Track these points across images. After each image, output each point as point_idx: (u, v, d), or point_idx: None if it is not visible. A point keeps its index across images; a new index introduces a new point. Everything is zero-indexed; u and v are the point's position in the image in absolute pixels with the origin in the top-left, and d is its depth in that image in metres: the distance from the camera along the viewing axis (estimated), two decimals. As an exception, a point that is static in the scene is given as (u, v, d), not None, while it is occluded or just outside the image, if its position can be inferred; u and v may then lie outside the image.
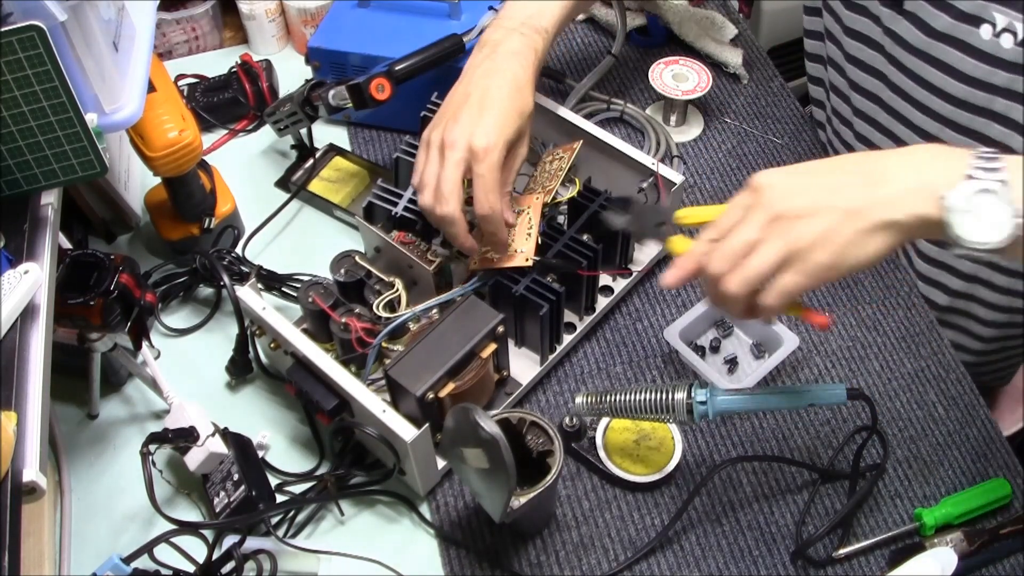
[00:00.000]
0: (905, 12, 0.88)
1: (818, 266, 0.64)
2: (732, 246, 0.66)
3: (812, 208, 0.64)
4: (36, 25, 0.67)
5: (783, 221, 0.65)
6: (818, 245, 0.63)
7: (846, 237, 0.63)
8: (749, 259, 0.65)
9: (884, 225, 0.63)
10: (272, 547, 0.80)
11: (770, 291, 0.66)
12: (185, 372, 0.95)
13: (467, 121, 0.81)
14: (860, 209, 0.63)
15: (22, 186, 0.75)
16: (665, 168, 0.94)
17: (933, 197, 0.61)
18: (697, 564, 0.83)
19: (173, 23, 1.24)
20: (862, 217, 0.63)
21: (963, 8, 0.84)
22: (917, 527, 0.83)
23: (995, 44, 0.83)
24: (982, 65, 0.85)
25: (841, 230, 0.63)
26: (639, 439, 0.87)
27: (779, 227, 0.65)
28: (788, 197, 0.66)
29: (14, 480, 0.62)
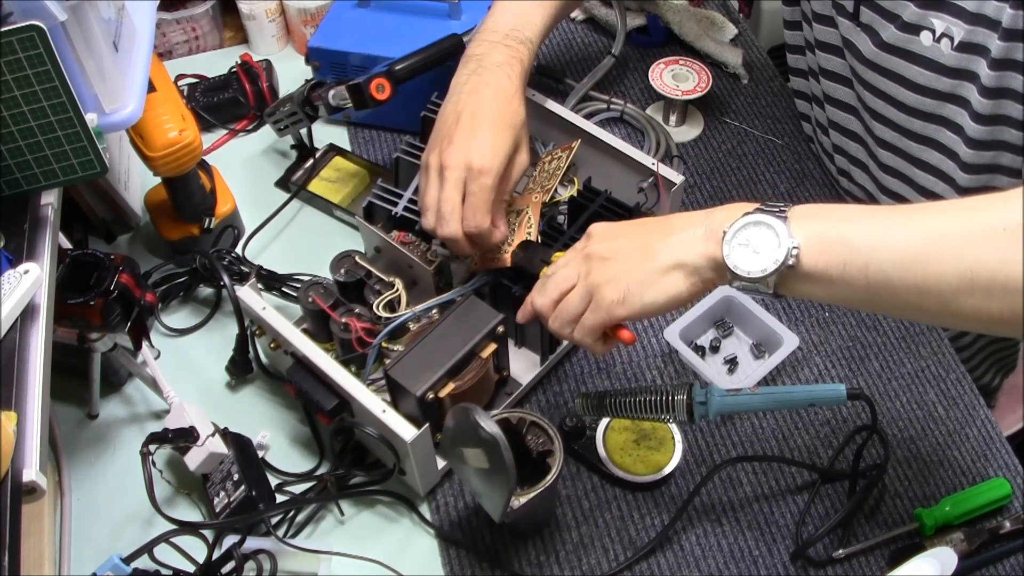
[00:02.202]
0: (861, 24, 0.89)
1: (610, 302, 0.70)
2: (551, 284, 0.75)
3: (614, 251, 0.71)
4: (36, 25, 0.67)
5: (591, 262, 0.72)
6: (610, 283, 0.70)
7: (638, 277, 0.69)
8: (565, 299, 0.74)
9: (673, 266, 0.68)
10: (272, 547, 0.80)
11: (577, 328, 0.73)
12: (185, 372, 0.95)
13: (462, 142, 0.82)
14: (653, 252, 0.69)
15: (22, 186, 0.75)
16: (665, 168, 0.94)
17: (716, 237, 0.66)
18: (697, 564, 0.83)
19: (173, 23, 1.24)
20: (653, 258, 0.68)
21: (906, 18, 0.84)
22: (917, 527, 0.83)
23: (936, 50, 0.84)
24: (926, 72, 0.86)
25: (633, 270, 0.69)
26: (639, 439, 0.87)
27: (586, 267, 0.72)
28: (601, 241, 0.73)
29: (14, 480, 0.62)
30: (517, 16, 0.91)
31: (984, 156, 0.88)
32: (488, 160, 0.81)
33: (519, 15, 0.91)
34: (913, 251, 0.58)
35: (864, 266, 0.60)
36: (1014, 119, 0.83)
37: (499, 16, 0.91)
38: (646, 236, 0.71)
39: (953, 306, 0.58)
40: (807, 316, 0.99)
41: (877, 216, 0.61)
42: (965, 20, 0.80)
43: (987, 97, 0.83)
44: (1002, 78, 0.81)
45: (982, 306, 0.56)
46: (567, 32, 1.29)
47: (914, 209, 0.61)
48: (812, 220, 0.63)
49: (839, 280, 0.61)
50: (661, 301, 0.68)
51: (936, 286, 0.57)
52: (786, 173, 1.12)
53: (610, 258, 0.71)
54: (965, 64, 0.83)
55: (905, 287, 0.59)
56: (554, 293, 0.74)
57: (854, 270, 0.60)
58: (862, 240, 0.60)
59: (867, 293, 0.61)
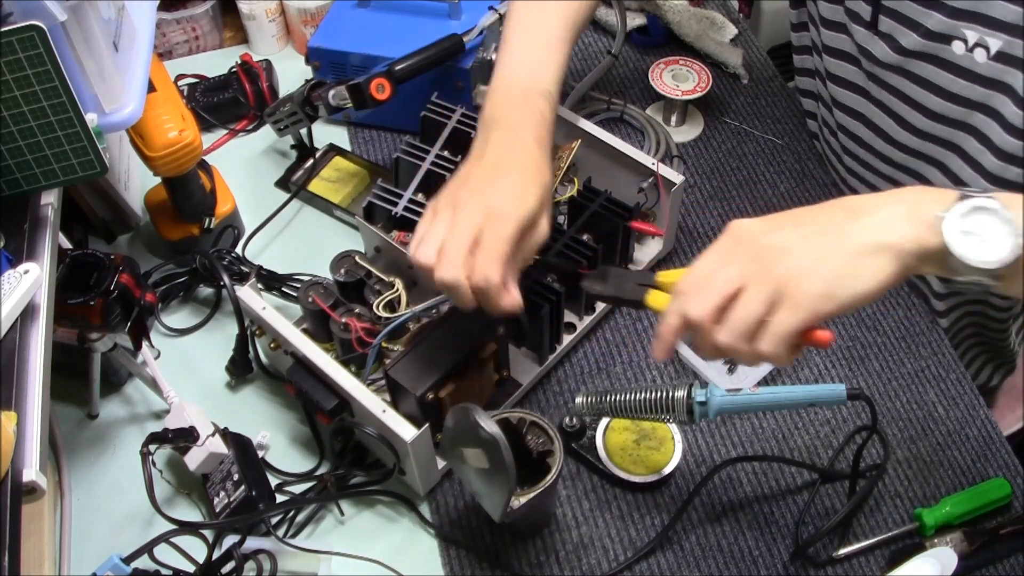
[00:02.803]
0: (880, 32, 0.88)
1: (811, 297, 0.60)
2: (712, 290, 0.63)
3: (792, 240, 0.62)
4: (36, 25, 0.67)
5: (765, 258, 0.62)
6: (807, 274, 0.60)
7: (838, 264, 0.60)
8: (734, 305, 0.62)
9: (875, 248, 0.60)
10: (272, 547, 0.80)
11: (764, 336, 0.61)
12: (185, 372, 0.95)
13: (484, 183, 0.74)
14: (847, 235, 0.61)
15: (22, 186, 0.75)
16: (665, 168, 0.94)
17: (925, 222, 0.59)
18: (697, 564, 0.83)
19: (173, 23, 1.24)
20: (849, 241, 0.60)
21: (931, 27, 0.83)
22: (917, 527, 0.83)
23: (969, 59, 0.82)
24: (958, 80, 0.84)
25: (829, 257, 0.60)
26: (639, 439, 0.87)
27: (762, 265, 0.62)
28: (768, 235, 0.63)
29: (14, 480, 0.62)
30: (532, 67, 0.83)
31: (1011, 171, 0.86)
32: (512, 207, 0.72)
33: (536, 64, 0.83)
34: None
35: None
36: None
37: (511, 68, 0.84)
38: (826, 221, 0.62)
39: None
40: (807, 316, 0.98)
41: None
42: (1005, 31, 0.78)
43: (1021, 108, 0.80)
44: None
45: None
46: (567, 32, 1.29)
47: None
48: None
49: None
50: (872, 289, 0.60)
51: None
52: (786, 173, 1.12)
53: (791, 248, 0.61)
54: (1000, 75, 0.80)
55: None
56: (718, 299, 0.62)
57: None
58: None
59: None
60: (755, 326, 0.61)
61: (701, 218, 1.08)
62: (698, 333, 0.64)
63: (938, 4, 0.81)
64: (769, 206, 1.08)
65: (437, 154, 0.95)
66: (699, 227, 1.07)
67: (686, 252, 1.04)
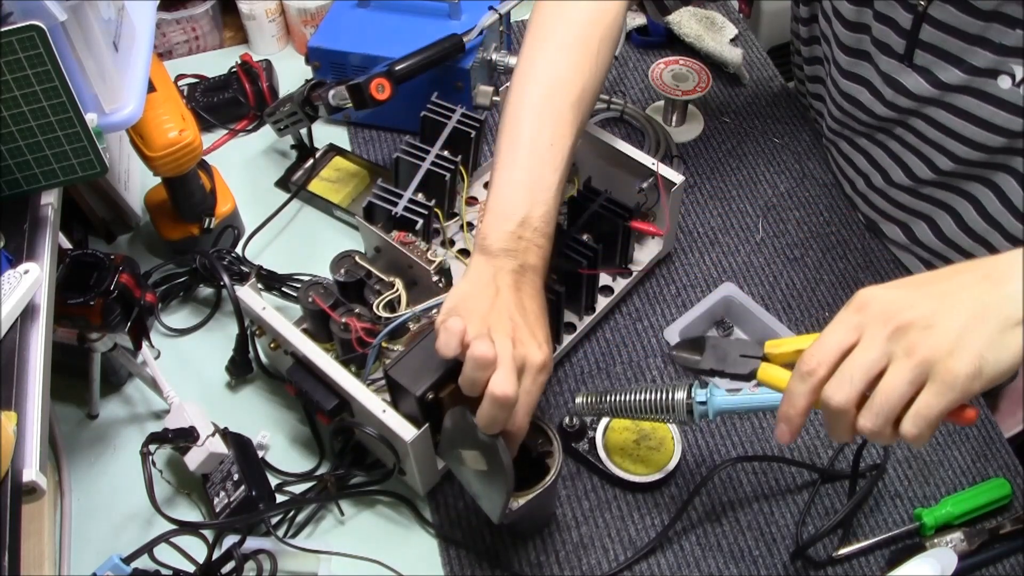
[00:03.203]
0: (914, 65, 0.87)
1: (961, 377, 0.56)
2: (854, 372, 0.59)
3: (938, 315, 0.58)
4: (36, 25, 0.67)
5: (908, 333, 0.58)
6: (955, 353, 0.56)
7: (985, 339, 0.56)
8: (879, 387, 0.58)
9: (1020, 322, 0.57)
10: (272, 547, 0.80)
11: (910, 418, 0.57)
12: (185, 372, 0.95)
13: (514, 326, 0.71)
14: (992, 307, 0.57)
15: (22, 186, 0.75)
16: (665, 168, 0.94)
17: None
18: (697, 564, 0.83)
19: (173, 23, 1.24)
20: (997, 315, 0.57)
21: (975, 63, 0.82)
22: (917, 527, 0.83)
23: (1015, 93, 0.80)
24: (1001, 112, 0.83)
25: (976, 333, 0.56)
26: (639, 439, 0.87)
27: (905, 341, 0.58)
28: (907, 308, 0.59)
29: (14, 480, 0.62)
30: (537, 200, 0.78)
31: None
32: (548, 358, 0.72)
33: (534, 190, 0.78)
34: None
35: None
36: None
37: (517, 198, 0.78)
38: (965, 290, 0.59)
39: None
40: (807, 316, 0.99)
41: None
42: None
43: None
44: None
45: None
46: (567, 32, 1.29)
47: None
48: None
49: None
50: (1016, 363, 0.57)
51: None
52: (786, 173, 1.12)
53: (935, 325, 0.57)
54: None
55: None
56: (860, 385, 0.59)
57: None
58: None
59: None
60: (901, 409, 0.58)
61: (701, 218, 1.08)
62: (838, 418, 0.60)
63: (986, 41, 0.80)
64: (769, 206, 1.08)
65: (437, 154, 0.95)
66: (699, 227, 1.07)
67: (686, 252, 1.04)
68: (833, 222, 1.07)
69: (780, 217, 1.08)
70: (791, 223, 1.07)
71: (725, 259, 1.04)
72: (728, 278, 1.01)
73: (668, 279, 1.02)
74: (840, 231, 1.06)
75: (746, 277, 1.02)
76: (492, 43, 1.13)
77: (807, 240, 1.05)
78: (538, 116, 0.81)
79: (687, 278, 1.02)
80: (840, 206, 1.09)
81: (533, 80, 0.83)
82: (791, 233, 1.06)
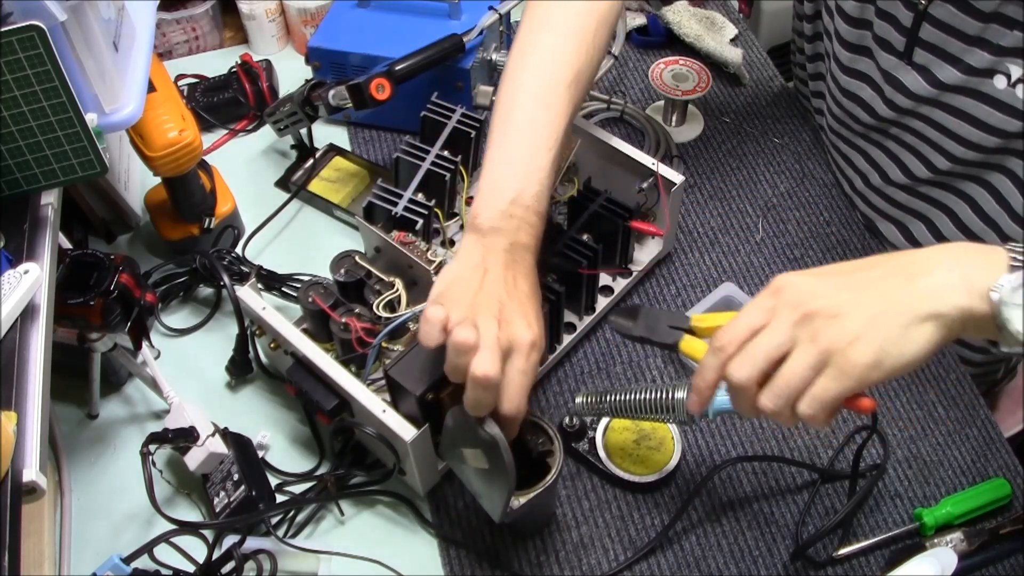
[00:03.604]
0: (914, 63, 0.87)
1: (859, 367, 0.58)
2: (758, 352, 0.61)
3: (847, 305, 0.60)
4: (36, 25, 0.67)
5: (814, 321, 0.60)
6: (857, 343, 0.59)
7: (886, 332, 0.58)
8: (780, 369, 0.61)
9: (927, 317, 0.58)
10: (272, 547, 0.80)
11: (806, 399, 0.60)
12: (185, 372, 0.95)
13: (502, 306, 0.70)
14: (900, 301, 0.59)
15: (22, 186, 0.75)
16: (665, 168, 0.94)
17: (977, 290, 0.57)
18: (697, 564, 0.83)
19: (173, 23, 1.24)
20: (904, 310, 0.58)
21: (973, 63, 0.82)
22: (917, 527, 0.83)
23: (1010, 94, 0.81)
24: (997, 113, 0.83)
25: (880, 326, 0.59)
26: (639, 439, 0.87)
27: (810, 328, 0.60)
28: (818, 296, 0.61)
29: (14, 480, 0.62)
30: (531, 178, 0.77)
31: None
32: (538, 336, 0.70)
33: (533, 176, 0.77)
34: None
35: None
36: None
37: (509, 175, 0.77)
38: (878, 284, 0.61)
39: None
40: (807, 316, 0.98)
41: None
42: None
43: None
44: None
45: None
46: (567, 32, 1.29)
47: None
48: None
49: None
50: (919, 357, 0.58)
51: None
52: (786, 173, 1.12)
53: (841, 314, 0.60)
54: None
55: None
56: (763, 364, 0.61)
57: None
58: None
59: None
60: (800, 391, 0.60)
61: (701, 218, 1.08)
62: (740, 394, 0.63)
63: (984, 42, 0.81)
64: (769, 206, 1.08)
65: (437, 154, 0.95)
66: (699, 227, 1.07)
67: (686, 252, 1.04)
68: (833, 222, 1.07)
69: (780, 217, 1.08)
70: (791, 223, 1.07)
71: (725, 259, 1.04)
72: (728, 278, 1.01)
73: (668, 279, 1.02)
74: (840, 231, 1.06)
75: (746, 277, 1.02)
76: (492, 43, 1.13)
77: (807, 240, 1.05)
78: (533, 97, 0.81)
79: (687, 278, 1.02)
80: (840, 206, 1.09)
81: (529, 61, 0.83)
82: (791, 233, 1.06)
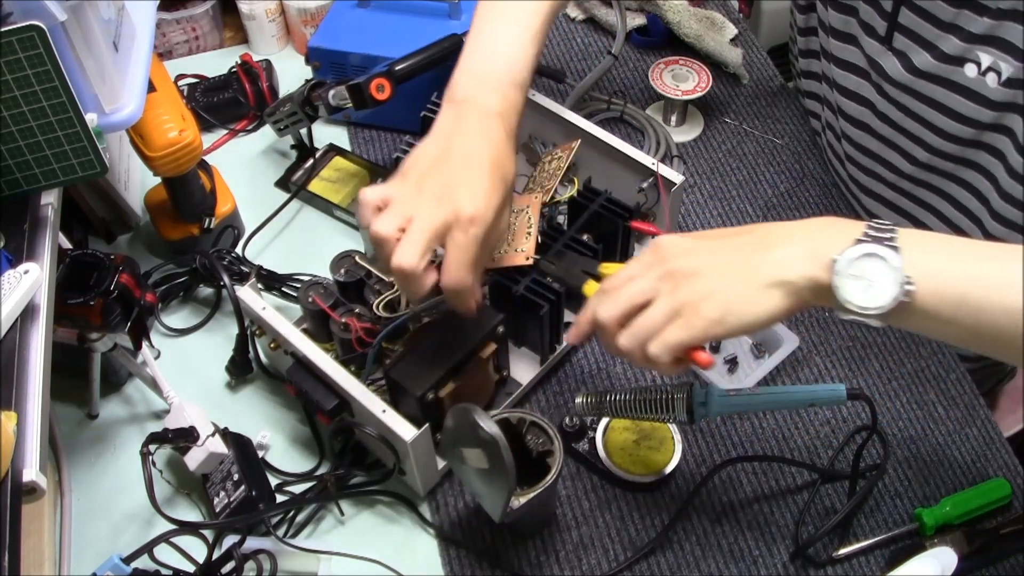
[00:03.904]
0: (894, 49, 0.88)
1: (704, 320, 0.65)
2: (622, 296, 0.69)
3: (705, 266, 0.66)
4: (36, 25, 0.67)
5: (675, 278, 0.67)
6: (706, 300, 0.65)
7: (735, 294, 0.65)
8: (640, 315, 0.68)
9: (775, 284, 0.64)
10: (272, 547, 0.80)
11: (655, 342, 0.67)
12: (185, 372, 0.95)
13: (452, 179, 0.73)
14: (753, 267, 0.65)
15: (22, 186, 0.75)
16: (665, 168, 0.94)
17: (823, 261, 0.62)
18: (697, 564, 0.83)
19: (173, 23, 1.24)
20: (752, 275, 0.64)
21: (946, 49, 0.83)
22: (917, 527, 0.83)
23: (980, 83, 0.82)
24: (968, 103, 0.84)
25: (731, 287, 0.65)
26: (639, 439, 0.87)
27: (672, 282, 0.67)
28: (683, 256, 0.68)
29: (14, 480, 0.62)
30: (509, 54, 0.82)
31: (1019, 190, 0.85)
32: (482, 209, 0.72)
33: (511, 52, 0.82)
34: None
35: (976, 310, 0.58)
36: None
37: (488, 51, 0.82)
38: (738, 251, 0.66)
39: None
40: (807, 316, 0.99)
41: (995, 258, 0.59)
42: (1016, 57, 0.78)
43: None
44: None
45: None
46: (567, 32, 1.29)
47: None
48: (928, 254, 0.60)
49: (949, 320, 0.59)
50: (762, 319, 0.64)
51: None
52: (786, 173, 1.12)
53: (699, 273, 0.66)
54: (1012, 98, 0.81)
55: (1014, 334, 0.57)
56: (625, 307, 0.68)
57: (965, 312, 0.59)
58: (979, 284, 0.58)
59: (973, 335, 0.59)
60: (651, 335, 0.67)
61: (701, 218, 1.08)
62: (602, 332, 0.70)
63: (956, 28, 0.82)
64: (769, 206, 1.08)
65: (437, 154, 0.95)
66: (699, 227, 1.07)
67: (686, 252, 1.04)
68: (833, 222, 1.07)
69: (780, 217, 1.08)
70: (791, 223, 1.07)
71: (725, 259, 1.04)
72: (728, 278, 1.01)
73: (668, 279, 1.02)
74: (840, 231, 1.06)
75: (746, 277, 1.02)
76: (492, 43, 1.13)
77: (807, 240, 1.05)
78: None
79: (687, 278, 1.02)
80: (840, 206, 1.09)
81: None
82: (791, 233, 1.06)
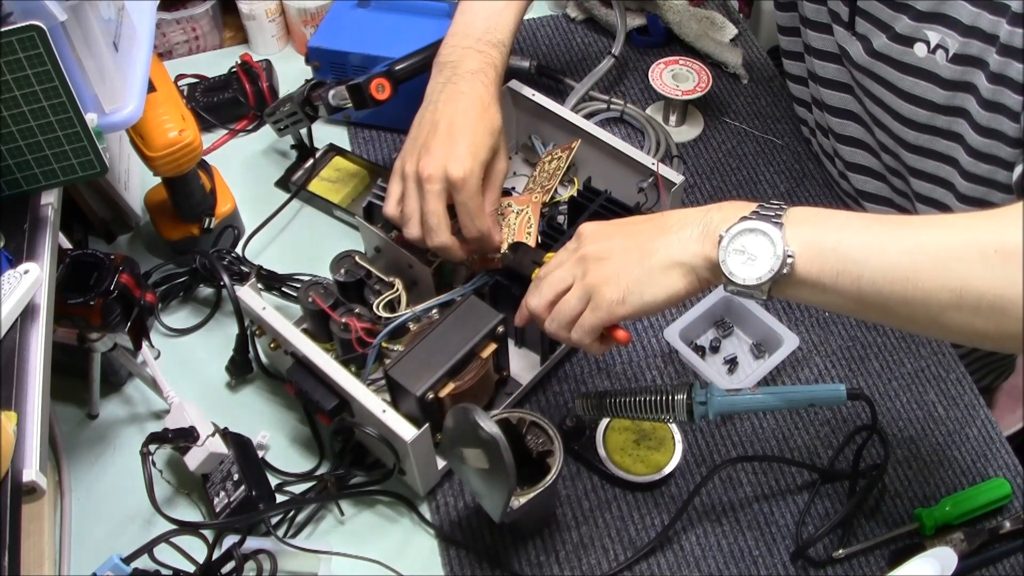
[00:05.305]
0: (856, 33, 0.89)
1: (608, 302, 0.70)
2: (546, 285, 0.74)
3: (613, 251, 0.71)
4: (36, 25, 0.67)
5: (586, 262, 0.72)
6: (609, 283, 0.70)
7: (636, 276, 0.69)
8: (561, 301, 0.73)
9: (671, 265, 0.68)
10: (272, 547, 0.80)
11: (575, 327, 0.72)
12: (185, 372, 0.95)
13: (440, 151, 0.82)
14: (651, 250, 0.69)
15: (22, 186, 0.75)
16: (665, 168, 0.94)
17: (713, 239, 0.66)
18: (697, 564, 0.83)
19: (173, 23, 1.24)
20: (649, 257, 0.69)
21: (899, 29, 0.84)
22: (917, 527, 0.83)
23: (931, 61, 0.83)
24: (921, 83, 0.85)
25: (630, 269, 0.69)
26: (639, 439, 0.87)
27: (583, 267, 0.72)
28: (597, 241, 0.73)
29: (14, 480, 0.62)
30: (488, 19, 0.91)
31: (982, 168, 0.87)
32: (468, 168, 0.82)
33: (490, 17, 0.91)
34: (906, 266, 0.59)
35: (857, 277, 0.61)
36: (1008, 136, 0.82)
37: (469, 18, 0.91)
38: (640, 235, 0.71)
39: (941, 320, 0.59)
40: (807, 316, 0.99)
41: (872, 227, 0.62)
42: (959, 32, 0.79)
43: (986, 110, 0.82)
44: (998, 93, 0.80)
45: (968, 322, 0.58)
46: (567, 32, 1.29)
47: (910, 223, 0.61)
48: (808, 226, 0.63)
49: (831, 288, 0.62)
50: (660, 299, 0.68)
51: (925, 301, 0.59)
52: (786, 173, 1.12)
53: (605, 258, 0.71)
54: (962, 76, 0.82)
55: (896, 300, 0.60)
56: (549, 295, 0.74)
57: (847, 280, 0.61)
58: (856, 251, 0.61)
59: (858, 303, 0.62)
60: (572, 320, 0.73)
61: (701, 218, 1.08)
62: (535, 319, 0.76)
63: (906, 7, 0.82)
64: (769, 206, 1.08)
65: (437, 154, 0.95)
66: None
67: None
68: (833, 222, 1.07)
69: (780, 217, 1.08)
70: (791, 223, 1.07)
71: (725, 259, 1.04)
72: (728, 278, 1.01)
73: (668, 279, 1.02)
74: (840, 231, 1.06)
75: (746, 277, 1.02)
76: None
77: (807, 240, 1.05)
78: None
79: (687, 278, 1.02)
80: (839, 206, 1.09)
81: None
82: (791, 233, 1.06)
